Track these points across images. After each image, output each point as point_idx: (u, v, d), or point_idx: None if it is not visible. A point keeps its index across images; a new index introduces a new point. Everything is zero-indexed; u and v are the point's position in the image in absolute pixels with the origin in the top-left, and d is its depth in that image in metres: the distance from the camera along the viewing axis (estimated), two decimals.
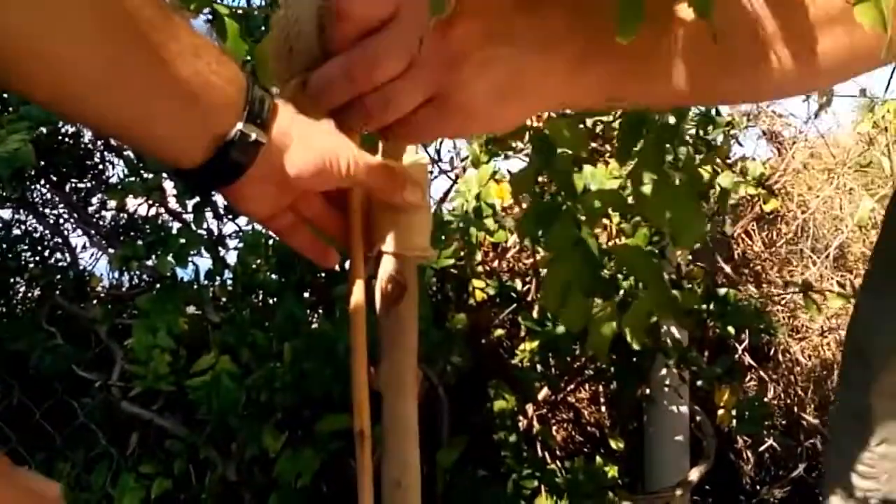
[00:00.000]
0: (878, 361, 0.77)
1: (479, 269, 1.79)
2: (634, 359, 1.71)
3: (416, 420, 0.63)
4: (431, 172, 0.62)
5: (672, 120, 0.94)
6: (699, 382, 1.78)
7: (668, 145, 0.85)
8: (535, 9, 0.49)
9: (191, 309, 1.59)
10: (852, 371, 0.83)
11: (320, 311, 1.69)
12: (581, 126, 0.96)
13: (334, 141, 0.55)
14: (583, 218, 0.89)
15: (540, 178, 1.08)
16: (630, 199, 0.90)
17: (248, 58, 0.62)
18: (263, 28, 1.38)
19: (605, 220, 1.68)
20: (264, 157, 0.51)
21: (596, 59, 0.50)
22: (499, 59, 0.48)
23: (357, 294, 0.59)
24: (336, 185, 0.56)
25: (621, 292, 1.20)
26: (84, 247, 2.05)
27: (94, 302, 1.86)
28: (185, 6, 0.58)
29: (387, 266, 0.62)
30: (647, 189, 0.85)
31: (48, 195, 2.02)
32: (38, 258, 1.96)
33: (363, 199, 0.62)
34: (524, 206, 1.81)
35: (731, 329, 1.73)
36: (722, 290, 1.70)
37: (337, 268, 0.66)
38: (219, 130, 0.49)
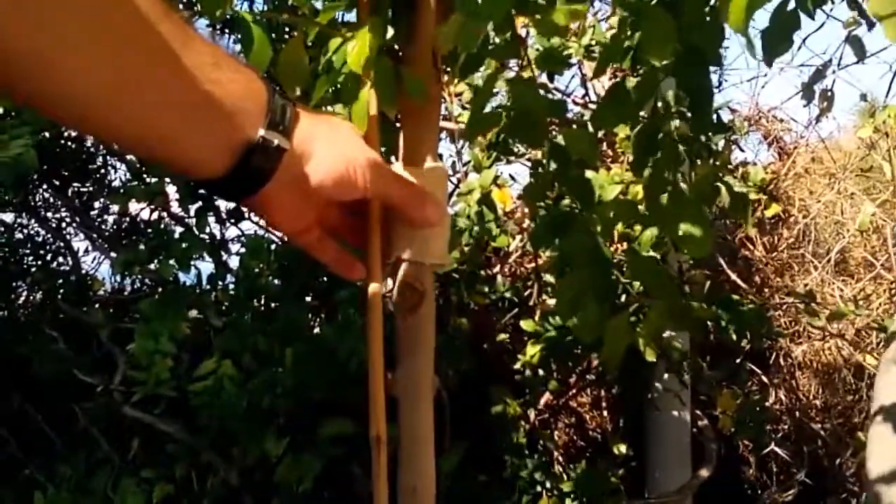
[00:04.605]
0: None
1: (482, 273, 1.79)
2: (636, 364, 1.70)
3: (432, 426, 0.63)
4: None
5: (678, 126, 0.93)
6: (701, 387, 1.78)
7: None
8: None
9: (193, 313, 1.59)
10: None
11: (322, 316, 1.69)
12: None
13: (356, 151, 0.55)
14: (597, 228, 0.88)
15: None
16: (642, 208, 0.90)
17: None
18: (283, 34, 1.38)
19: None
20: (287, 164, 0.51)
21: None
22: None
23: (375, 301, 0.59)
24: (358, 195, 0.56)
25: (624, 298, 1.19)
26: (86, 251, 2.06)
27: (97, 306, 1.85)
28: (210, 14, 0.57)
29: (404, 273, 0.62)
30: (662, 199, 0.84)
31: (50, 199, 2.02)
32: (40, 262, 1.96)
33: (382, 207, 0.62)
34: (526, 211, 1.81)
35: (732, 334, 1.73)
36: (724, 295, 1.70)
37: None
38: (241, 138, 0.48)
